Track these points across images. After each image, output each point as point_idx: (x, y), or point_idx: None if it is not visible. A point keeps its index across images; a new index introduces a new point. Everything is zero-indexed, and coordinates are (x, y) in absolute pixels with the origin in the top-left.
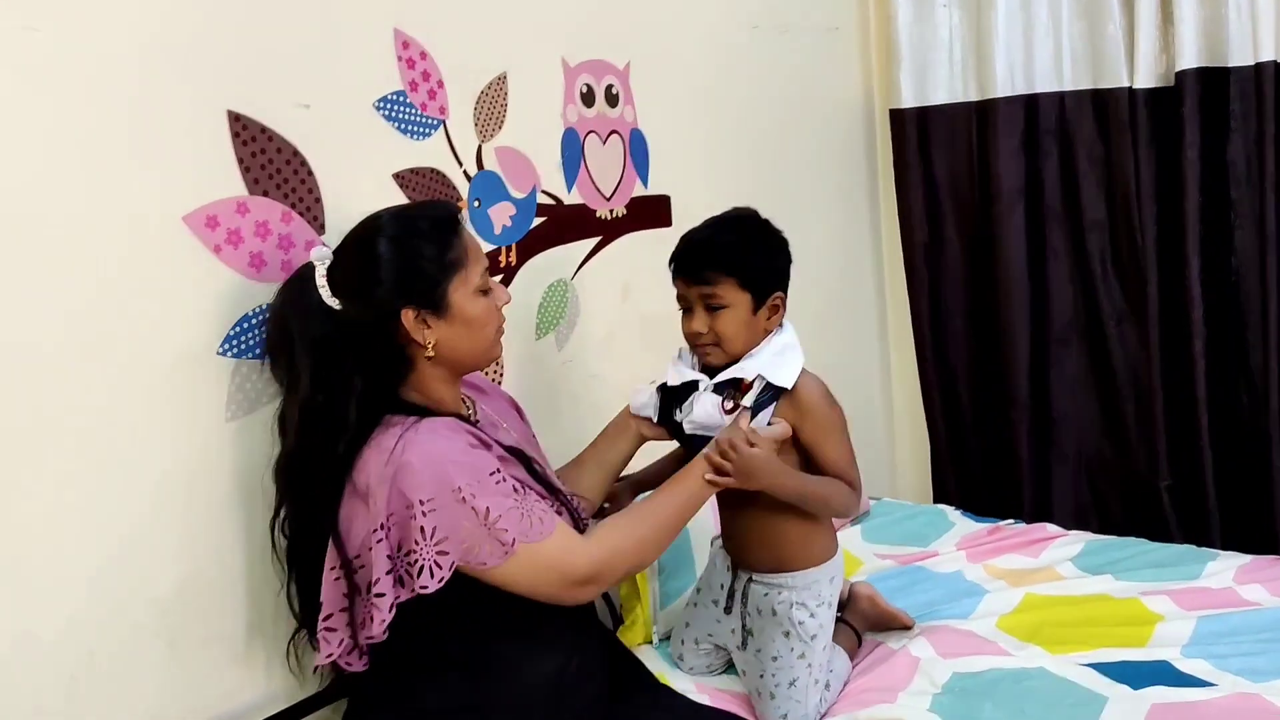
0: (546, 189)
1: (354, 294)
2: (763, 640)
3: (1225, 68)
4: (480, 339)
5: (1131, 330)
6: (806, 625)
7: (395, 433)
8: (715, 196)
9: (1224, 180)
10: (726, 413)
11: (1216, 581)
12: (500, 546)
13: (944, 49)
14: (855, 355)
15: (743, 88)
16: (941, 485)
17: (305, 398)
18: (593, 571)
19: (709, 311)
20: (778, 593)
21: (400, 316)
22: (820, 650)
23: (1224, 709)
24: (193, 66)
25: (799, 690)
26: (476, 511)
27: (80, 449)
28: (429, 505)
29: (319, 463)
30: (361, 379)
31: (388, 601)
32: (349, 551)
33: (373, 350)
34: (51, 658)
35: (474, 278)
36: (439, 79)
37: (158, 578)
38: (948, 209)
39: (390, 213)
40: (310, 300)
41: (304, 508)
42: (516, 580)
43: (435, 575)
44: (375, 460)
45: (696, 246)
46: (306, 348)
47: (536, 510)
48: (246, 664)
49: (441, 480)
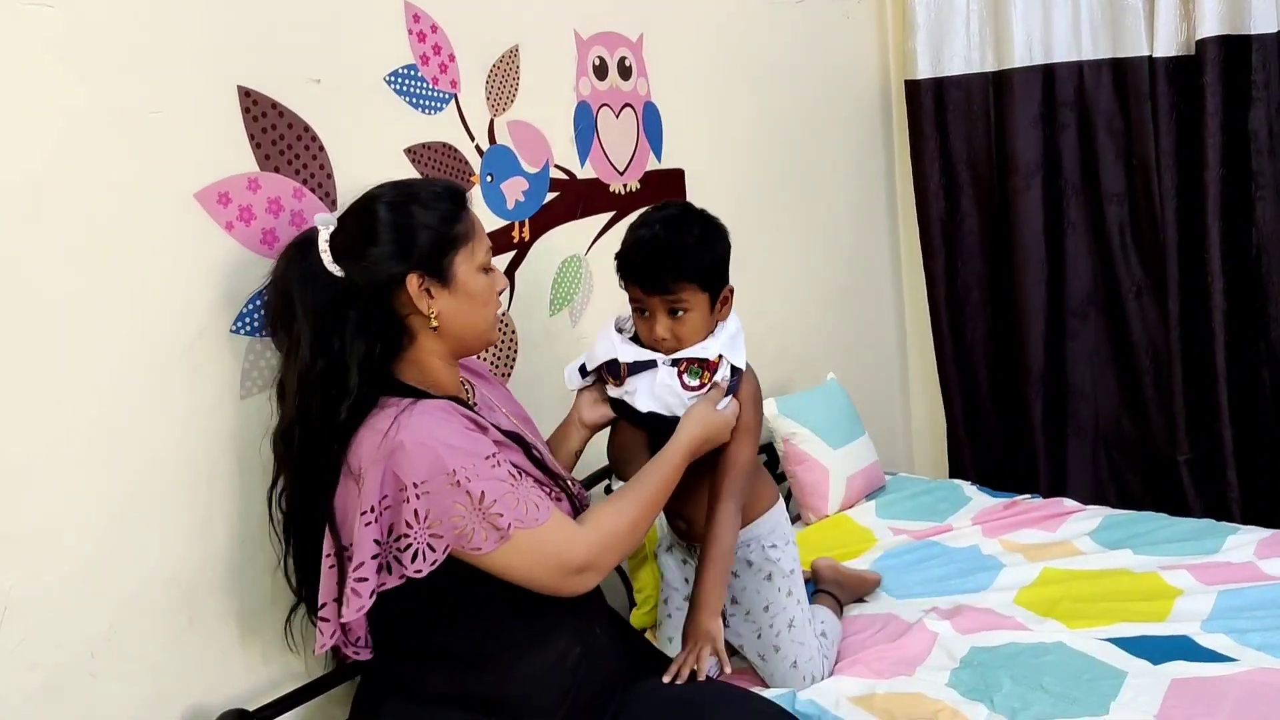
0: (559, 163)
1: (358, 257)
2: (748, 598)
3: (1247, 35)
4: (481, 316)
5: (1151, 303)
6: (783, 561)
7: (390, 414)
8: (729, 169)
9: (1245, 151)
10: (688, 389)
11: (1237, 556)
12: (495, 532)
13: (960, 18)
14: (871, 329)
15: (757, 59)
16: (957, 460)
17: (305, 364)
18: (589, 559)
19: (671, 316)
20: (746, 547)
21: (405, 282)
22: (801, 584)
23: (1245, 684)
24: (203, 42)
25: (798, 630)
26: (471, 496)
27: (95, 428)
28: (422, 488)
29: (319, 431)
30: (364, 346)
31: (368, 587)
32: (344, 539)
33: (375, 318)
34: (72, 633)
35: (479, 254)
36: (450, 53)
37: (176, 554)
38: (964, 181)
39: (398, 183)
40: (312, 267)
41: (303, 478)
42: (512, 567)
43: (428, 559)
44: (369, 441)
45: (653, 254)
46: (307, 314)
47: (532, 496)
48: (266, 639)
49: (436, 463)
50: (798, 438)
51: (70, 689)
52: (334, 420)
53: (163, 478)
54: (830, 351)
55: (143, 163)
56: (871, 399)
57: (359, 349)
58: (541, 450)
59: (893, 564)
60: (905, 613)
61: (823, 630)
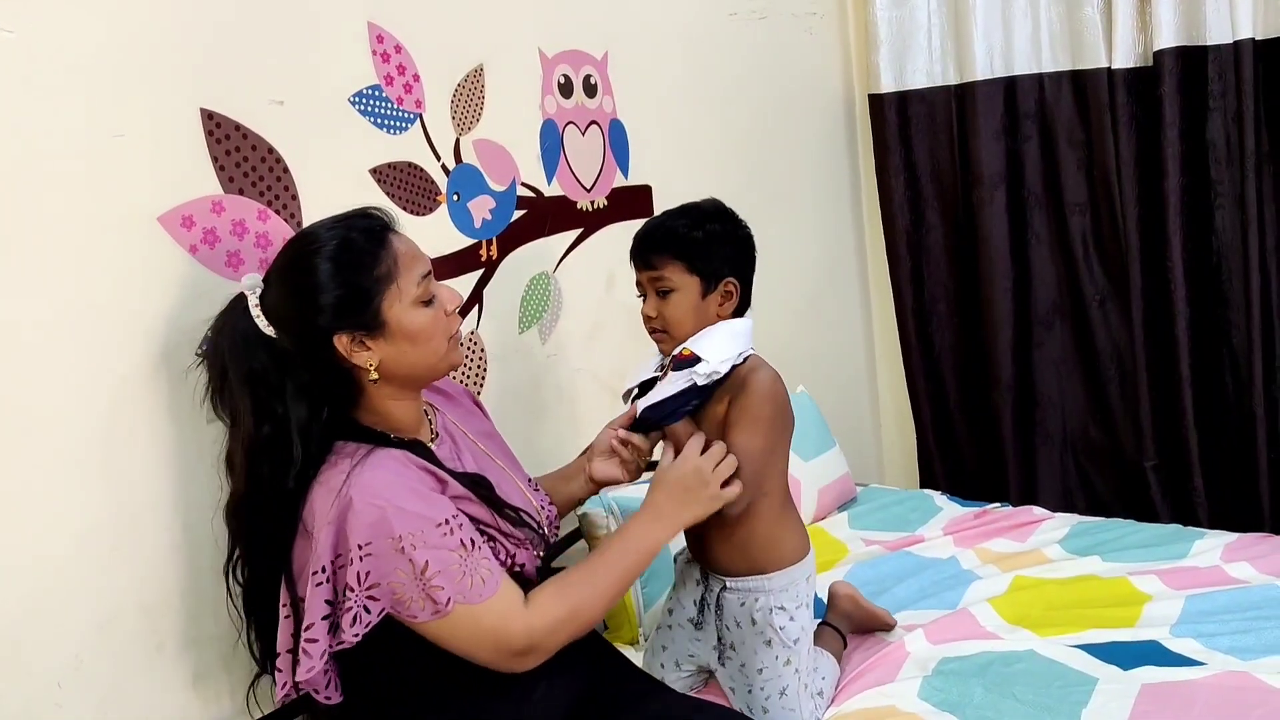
0: (526, 181)
1: (282, 323)
2: (744, 653)
3: (1204, 46)
4: (428, 352)
5: (1115, 311)
6: (788, 629)
7: (343, 469)
8: (696, 185)
9: (1204, 160)
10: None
11: (1204, 560)
12: (432, 604)
13: (922, 32)
14: (840, 342)
15: (722, 75)
16: (928, 470)
17: (249, 433)
18: (530, 643)
19: (660, 296)
20: (754, 599)
21: (334, 342)
22: (805, 654)
23: (1213, 687)
24: (165, 65)
25: (791, 699)
26: (415, 564)
27: (61, 454)
28: (366, 549)
29: (269, 501)
30: (306, 408)
31: (319, 649)
32: (299, 591)
33: (315, 378)
34: (38, 663)
35: (409, 289)
36: (415, 72)
37: (144, 581)
38: (929, 193)
39: (313, 230)
40: (247, 331)
41: (258, 549)
42: (450, 640)
43: (362, 621)
44: (322, 500)
45: (647, 231)
46: (243, 381)
47: (481, 569)
48: (235, 667)
49: (382, 524)
50: None
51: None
52: (282, 489)
53: (130, 504)
54: (799, 364)
55: (105, 186)
56: (841, 411)
57: (301, 414)
58: (508, 491)
59: (866, 575)
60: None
61: (820, 689)
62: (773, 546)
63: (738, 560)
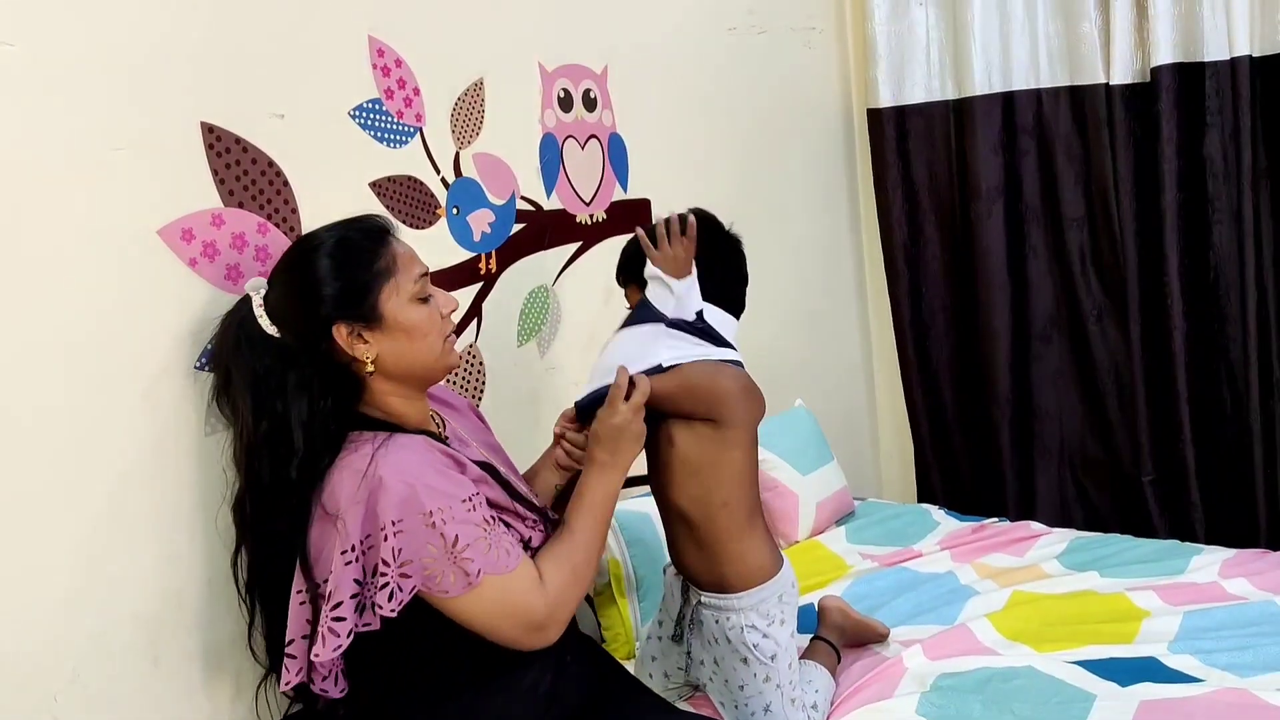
0: (526, 195)
1: (284, 320)
2: (725, 670)
3: (1201, 62)
4: (424, 348)
5: (1112, 326)
6: (762, 647)
7: (366, 452)
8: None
9: (1201, 175)
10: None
11: (1202, 576)
12: (465, 576)
13: (921, 47)
14: (838, 355)
15: (721, 90)
16: (925, 484)
17: (248, 430)
18: (548, 613)
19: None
20: (726, 616)
21: (332, 333)
22: (786, 669)
23: (1211, 704)
24: (165, 79)
25: (776, 714)
26: (445, 538)
27: (59, 466)
28: (398, 526)
29: (273, 494)
30: (307, 402)
31: (346, 627)
32: (317, 575)
33: (317, 374)
34: (34, 677)
35: (406, 285)
36: (415, 86)
37: (141, 594)
38: (927, 208)
39: (314, 232)
40: (251, 332)
41: (264, 545)
42: (476, 615)
43: (395, 598)
44: (348, 482)
45: (622, 252)
46: (245, 380)
47: (504, 542)
48: (231, 679)
49: (413, 501)
50: (766, 464)
51: None
52: (285, 480)
53: (127, 516)
54: (797, 378)
55: (105, 200)
56: (839, 424)
57: (302, 409)
58: (515, 482)
59: (863, 590)
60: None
61: (814, 702)
62: (738, 561)
63: (704, 573)
